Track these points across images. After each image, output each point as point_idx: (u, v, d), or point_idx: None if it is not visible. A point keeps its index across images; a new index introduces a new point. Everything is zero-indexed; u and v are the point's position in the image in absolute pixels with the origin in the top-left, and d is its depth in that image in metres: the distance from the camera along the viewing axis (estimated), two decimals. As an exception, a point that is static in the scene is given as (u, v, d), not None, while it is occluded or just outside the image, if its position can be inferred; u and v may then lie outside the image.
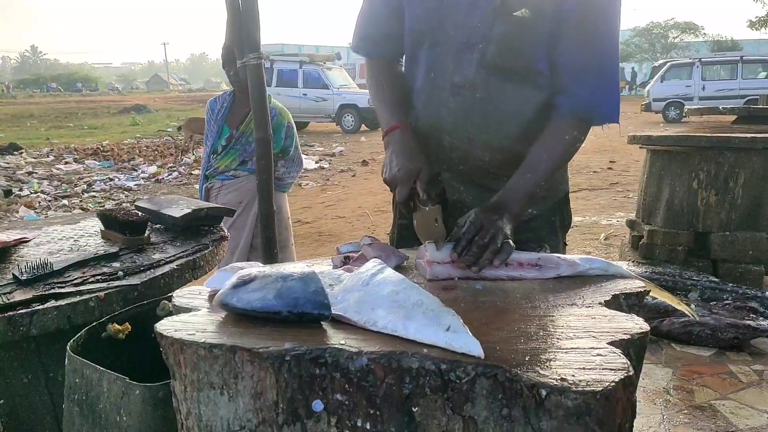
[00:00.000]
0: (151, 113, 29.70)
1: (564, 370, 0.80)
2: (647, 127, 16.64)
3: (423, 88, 1.49)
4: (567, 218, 1.63)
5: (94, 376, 1.17)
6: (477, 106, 1.42)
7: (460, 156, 1.48)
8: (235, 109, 3.24)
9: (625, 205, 7.17)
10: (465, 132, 1.45)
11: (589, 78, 1.38)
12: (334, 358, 0.85)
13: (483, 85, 1.40)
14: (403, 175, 1.34)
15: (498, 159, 1.46)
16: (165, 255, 1.65)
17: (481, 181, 1.50)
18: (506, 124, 1.43)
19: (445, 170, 1.51)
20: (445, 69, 1.44)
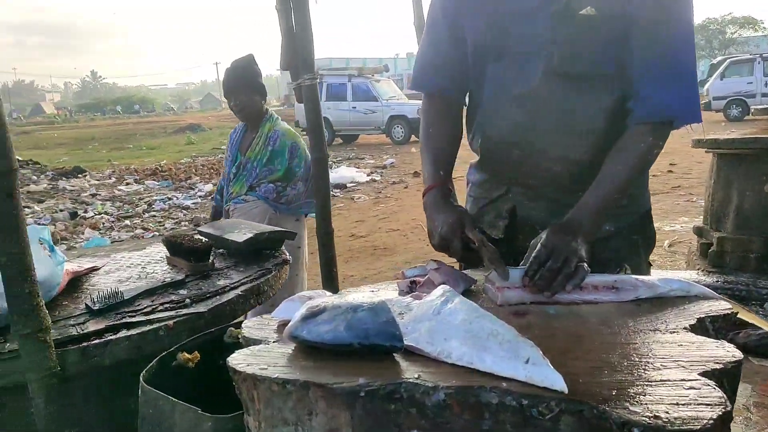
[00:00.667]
0: (206, 132, 30.51)
1: (656, 407, 0.76)
2: (708, 127, 16.03)
3: (489, 102, 1.45)
4: (650, 236, 1.55)
5: (166, 407, 1.18)
6: (545, 116, 1.37)
7: (530, 169, 1.43)
8: (247, 137, 3.28)
9: (688, 210, 6.92)
10: (534, 144, 1.40)
11: (665, 77, 1.30)
12: (409, 393, 0.82)
13: (549, 93, 1.35)
14: (447, 231, 1.32)
15: (570, 171, 1.40)
16: (229, 281, 1.67)
17: (552, 195, 1.44)
18: (577, 132, 1.37)
19: (515, 185, 1.47)
20: (510, 80, 1.39)
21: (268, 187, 3.12)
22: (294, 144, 3.16)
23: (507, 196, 1.50)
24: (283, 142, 3.12)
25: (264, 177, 3.12)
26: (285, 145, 3.12)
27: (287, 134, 3.18)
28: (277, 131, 3.15)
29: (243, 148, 3.25)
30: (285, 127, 3.22)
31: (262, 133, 3.17)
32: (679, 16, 1.29)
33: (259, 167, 3.13)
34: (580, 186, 1.34)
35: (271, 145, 3.13)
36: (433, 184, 1.44)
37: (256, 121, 3.22)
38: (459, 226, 1.33)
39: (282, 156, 3.11)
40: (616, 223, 1.44)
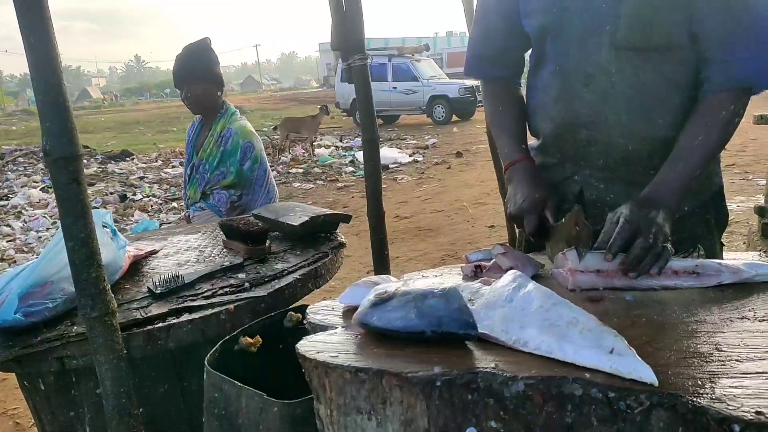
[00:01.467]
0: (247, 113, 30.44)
1: (756, 401, 0.71)
2: (762, 102, 15.46)
3: (551, 83, 1.40)
4: (723, 216, 1.49)
5: (232, 391, 1.19)
6: (614, 93, 1.31)
7: (601, 149, 1.37)
8: (202, 133, 2.90)
9: (745, 189, 6.67)
10: (604, 122, 1.34)
11: (742, 41, 1.22)
12: (487, 383, 0.80)
13: (618, 69, 1.29)
14: (528, 205, 1.32)
15: (644, 148, 1.34)
16: (287, 265, 1.66)
17: (625, 176, 1.38)
18: (650, 107, 1.31)
19: (583, 167, 1.42)
20: (572, 58, 1.34)
21: (221, 195, 2.76)
22: (248, 144, 2.77)
23: (573, 179, 1.45)
24: (235, 142, 2.74)
25: (216, 182, 2.76)
26: (237, 145, 2.74)
27: (241, 133, 2.78)
28: (230, 129, 2.78)
29: (198, 146, 2.89)
30: (240, 125, 2.83)
31: (215, 131, 2.81)
32: None
33: (210, 171, 2.78)
34: (655, 164, 1.29)
35: (223, 145, 2.77)
36: (518, 158, 1.43)
37: (211, 116, 2.86)
38: (541, 202, 1.32)
39: (233, 157, 2.74)
40: (690, 202, 1.38)
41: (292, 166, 12.07)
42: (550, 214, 1.30)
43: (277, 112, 27.64)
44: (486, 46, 1.53)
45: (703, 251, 1.39)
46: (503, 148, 1.48)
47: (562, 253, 1.16)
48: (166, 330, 1.39)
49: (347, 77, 2.48)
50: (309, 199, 8.81)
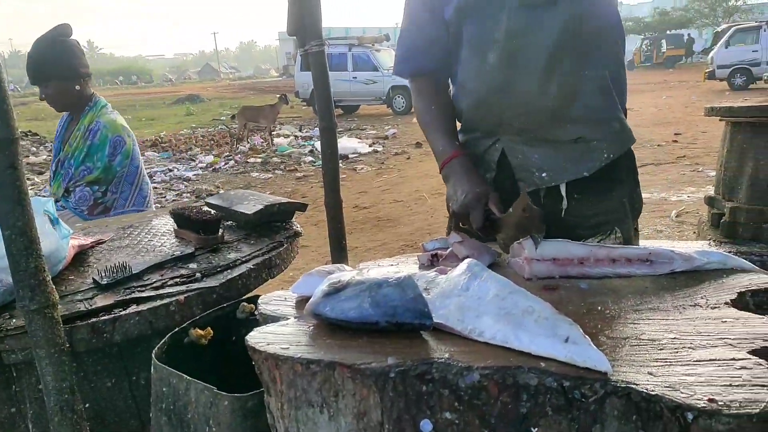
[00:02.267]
0: (204, 102, 30.24)
1: (709, 389, 0.71)
2: (713, 96, 15.94)
3: (468, 59, 1.44)
4: (638, 201, 1.52)
5: (181, 385, 1.14)
6: (520, 53, 1.35)
7: (517, 111, 1.40)
8: (70, 127, 2.72)
9: (695, 180, 6.86)
10: (515, 84, 1.37)
11: None
12: (441, 374, 0.78)
13: (521, 29, 1.33)
14: (472, 200, 1.33)
15: (555, 101, 1.37)
16: (240, 254, 1.62)
17: (543, 134, 1.41)
18: (554, 60, 1.34)
19: (503, 133, 1.45)
20: (485, 31, 1.38)
21: (84, 192, 2.57)
22: (117, 138, 2.60)
23: (495, 146, 1.48)
24: (103, 136, 2.57)
25: (81, 178, 2.57)
26: (106, 139, 2.57)
27: (110, 126, 2.60)
28: (99, 122, 2.60)
29: (65, 140, 2.70)
30: (109, 119, 2.65)
31: (82, 124, 2.63)
32: None
33: (75, 166, 2.59)
34: (569, 115, 1.36)
35: (90, 139, 2.59)
36: (454, 153, 1.44)
37: (78, 110, 2.67)
38: (484, 196, 1.33)
39: (102, 151, 2.56)
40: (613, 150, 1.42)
41: (250, 156, 11.92)
42: (495, 207, 1.31)
43: (236, 101, 27.25)
44: (414, 39, 1.53)
45: (620, 234, 1.43)
46: (437, 146, 1.49)
47: (518, 243, 1.16)
48: (112, 322, 1.33)
49: (305, 64, 2.44)
50: (267, 189, 8.71)
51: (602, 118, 1.41)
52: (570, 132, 1.39)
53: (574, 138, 1.39)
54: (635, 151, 1.50)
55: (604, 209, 1.43)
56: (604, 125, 1.41)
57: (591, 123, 1.40)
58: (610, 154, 1.41)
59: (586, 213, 1.41)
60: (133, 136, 2.72)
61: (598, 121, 1.40)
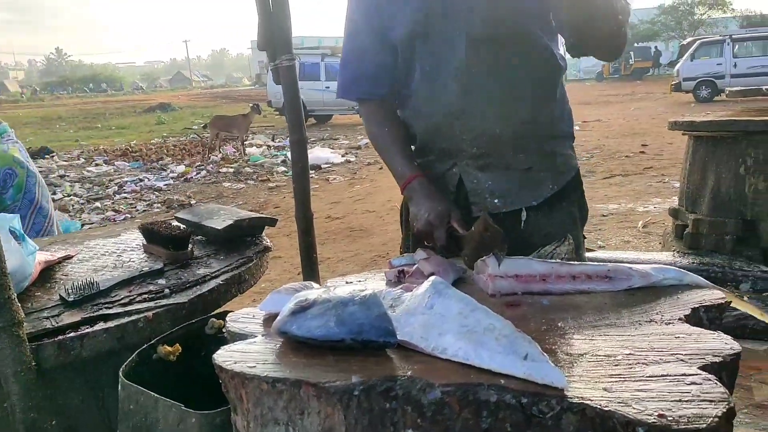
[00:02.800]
0: (176, 111, 29.99)
1: (660, 404, 0.74)
2: (678, 108, 16.30)
3: (421, 83, 1.46)
4: (584, 210, 1.58)
5: (149, 402, 1.15)
6: (476, 83, 1.39)
7: (474, 137, 1.44)
8: None
9: (661, 191, 7.00)
10: (471, 112, 1.42)
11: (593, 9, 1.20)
12: (405, 391, 0.80)
13: (477, 60, 1.37)
14: (435, 218, 1.35)
15: (509, 131, 1.42)
16: (210, 270, 1.62)
17: (497, 160, 1.46)
18: (509, 93, 1.40)
19: (459, 158, 1.48)
20: (440, 57, 1.41)
21: None
22: (8, 171, 2.47)
23: (452, 171, 1.51)
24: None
25: None
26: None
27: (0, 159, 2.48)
28: None
29: None
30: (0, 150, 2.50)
31: None
32: None
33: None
34: (522, 144, 1.40)
35: None
36: (413, 174, 1.46)
37: None
38: (446, 214, 1.36)
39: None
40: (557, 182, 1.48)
41: (222, 166, 11.85)
42: (458, 225, 1.33)
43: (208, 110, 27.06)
44: (361, 67, 1.53)
45: (572, 241, 1.46)
46: (395, 168, 1.50)
47: (482, 260, 1.18)
48: (79, 339, 1.33)
49: (275, 78, 2.45)
50: (239, 199, 8.67)
51: (551, 152, 1.48)
52: (522, 161, 1.45)
53: (525, 167, 1.46)
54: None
55: (557, 220, 1.49)
56: (551, 158, 1.48)
57: (541, 155, 1.46)
58: (554, 186, 1.48)
59: (541, 223, 1.47)
60: (29, 168, 2.56)
61: (547, 154, 1.48)
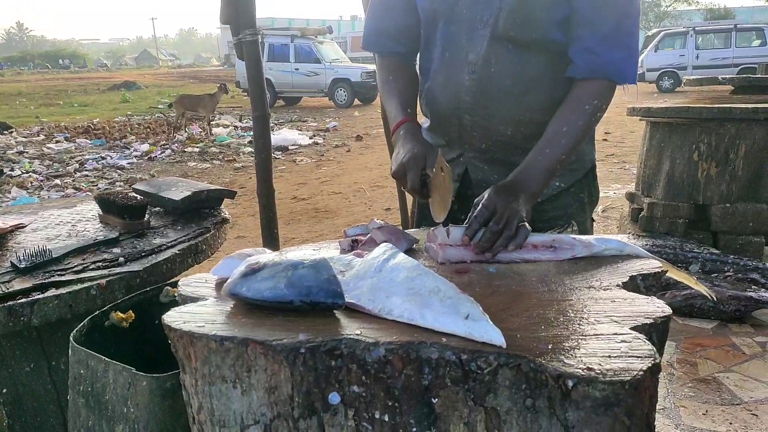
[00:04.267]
0: (141, 90, 29.39)
1: (590, 359, 0.78)
2: (641, 97, 16.57)
3: (439, 68, 1.46)
4: (595, 194, 1.59)
5: (99, 366, 1.15)
6: (493, 82, 1.38)
7: (482, 133, 1.45)
8: None
9: (621, 177, 7.16)
10: (484, 108, 1.41)
11: (608, 34, 1.31)
12: (350, 350, 0.82)
13: (497, 59, 1.37)
14: (410, 160, 1.31)
15: (521, 132, 1.42)
16: (166, 239, 1.62)
17: (505, 157, 1.46)
18: (525, 96, 1.39)
19: (467, 150, 1.48)
20: (460, 47, 1.40)
21: None
22: None
23: (459, 160, 1.51)
24: None
25: None
26: None
27: None
28: None
29: None
30: None
31: None
32: None
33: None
34: (532, 145, 1.35)
35: None
36: (403, 119, 1.44)
37: None
38: (422, 159, 1.31)
39: None
40: (565, 179, 1.48)
41: (187, 145, 11.68)
42: (430, 171, 1.30)
43: (175, 89, 26.58)
44: (385, 23, 1.54)
45: (576, 227, 1.49)
46: (391, 112, 1.49)
47: (432, 230, 1.21)
48: (29, 306, 1.32)
49: (238, 53, 2.44)
50: (205, 179, 8.57)
51: None
52: None
53: None
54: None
55: (562, 204, 1.49)
56: None
57: None
58: (561, 184, 1.47)
59: (545, 207, 1.46)
60: None
61: None
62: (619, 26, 1.32)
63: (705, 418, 2.41)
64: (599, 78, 1.34)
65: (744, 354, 2.91)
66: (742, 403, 2.49)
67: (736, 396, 2.55)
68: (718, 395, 2.56)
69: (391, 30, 1.53)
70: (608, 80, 1.35)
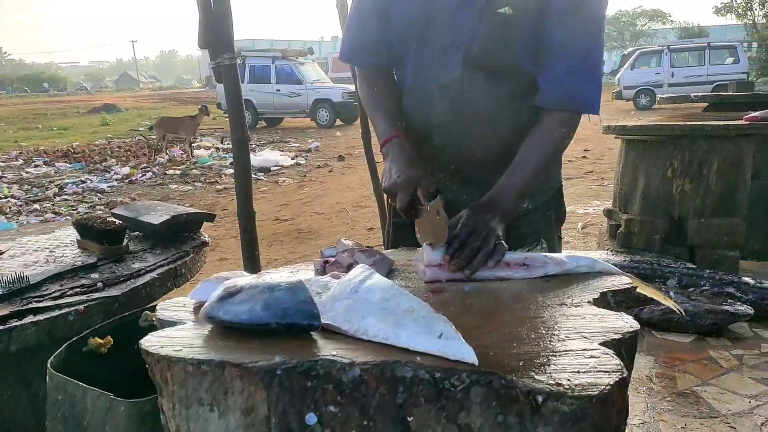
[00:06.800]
0: (122, 112, 29.25)
1: (559, 375, 0.80)
2: (619, 115, 16.83)
3: (411, 90, 1.49)
4: (562, 212, 1.64)
5: (77, 392, 1.15)
6: (465, 105, 1.42)
7: (453, 154, 1.48)
8: None
9: (600, 194, 7.25)
10: (455, 130, 1.45)
11: (576, 66, 1.36)
12: (326, 370, 0.83)
13: (470, 84, 1.40)
14: (402, 182, 1.33)
15: (491, 155, 1.46)
16: (145, 264, 1.62)
17: (475, 178, 1.49)
18: (495, 121, 1.43)
19: (438, 170, 1.51)
20: (433, 69, 1.43)
21: None
22: None
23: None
24: None
25: None
26: None
27: None
28: None
29: None
30: None
31: None
32: (594, 11, 1.35)
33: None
34: (501, 167, 1.39)
35: None
36: (394, 133, 1.43)
37: None
38: (416, 180, 1.32)
39: None
40: (533, 201, 1.52)
41: (169, 168, 11.63)
42: (422, 194, 1.31)
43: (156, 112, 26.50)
44: (361, 36, 1.55)
45: (545, 245, 1.52)
46: (379, 126, 1.49)
47: (418, 249, 1.24)
48: (7, 332, 1.32)
49: (216, 76, 2.45)
50: (186, 201, 8.53)
51: None
52: None
53: None
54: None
55: (531, 221, 1.52)
56: None
57: None
58: (529, 205, 1.51)
59: (515, 224, 1.46)
60: None
61: None
62: (587, 58, 1.37)
63: (684, 431, 2.44)
64: (567, 110, 1.39)
65: (721, 367, 2.95)
66: (720, 416, 2.52)
67: (714, 409, 2.58)
68: (696, 408, 2.59)
69: (368, 43, 1.54)
70: (574, 111, 1.40)
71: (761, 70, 25.68)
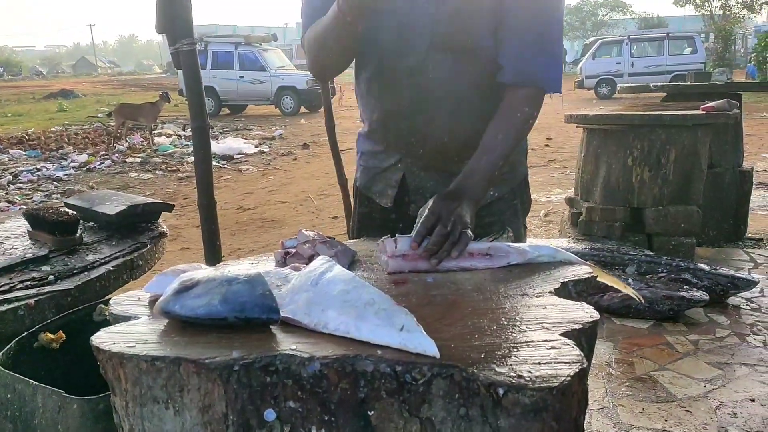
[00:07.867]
0: (80, 98, 28.48)
1: (520, 367, 0.79)
2: (581, 104, 17.06)
3: (376, 75, 1.47)
4: (527, 201, 1.64)
5: (27, 390, 1.11)
6: (431, 88, 1.41)
7: (420, 139, 1.47)
8: None
9: (562, 182, 7.34)
10: (422, 115, 1.44)
11: (533, 41, 1.37)
12: (285, 365, 0.82)
13: (434, 66, 1.39)
14: None
15: (458, 140, 1.45)
16: (100, 256, 1.58)
17: (442, 165, 1.49)
18: (462, 103, 1.42)
19: (405, 155, 1.50)
20: (397, 53, 1.41)
21: None
22: None
23: (397, 166, 1.53)
24: None
25: None
26: None
27: None
28: None
29: None
30: None
31: None
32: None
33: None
34: (467, 155, 1.39)
35: None
36: None
37: None
38: None
39: None
40: (499, 189, 1.52)
41: (128, 155, 11.39)
42: None
43: (115, 98, 25.87)
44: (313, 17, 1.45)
45: (511, 233, 1.53)
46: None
47: (380, 241, 1.22)
48: (-48, 329, 1.26)
49: (175, 63, 2.39)
50: (147, 190, 8.37)
51: None
52: None
53: None
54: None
55: (497, 210, 1.52)
56: None
57: None
58: (495, 193, 1.51)
59: (481, 213, 1.45)
60: None
61: None
62: (543, 34, 1.38)
63: (642, 415, 2.49)
64: (528, 85, 1.39)
65: (678, 352, 3.02)
66: (677, 400, 2.59)
67: (670, 393, 2.64)
68: (653, 393, 2.65)
69: None
70: (536, 87, 1.40)
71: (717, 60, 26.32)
